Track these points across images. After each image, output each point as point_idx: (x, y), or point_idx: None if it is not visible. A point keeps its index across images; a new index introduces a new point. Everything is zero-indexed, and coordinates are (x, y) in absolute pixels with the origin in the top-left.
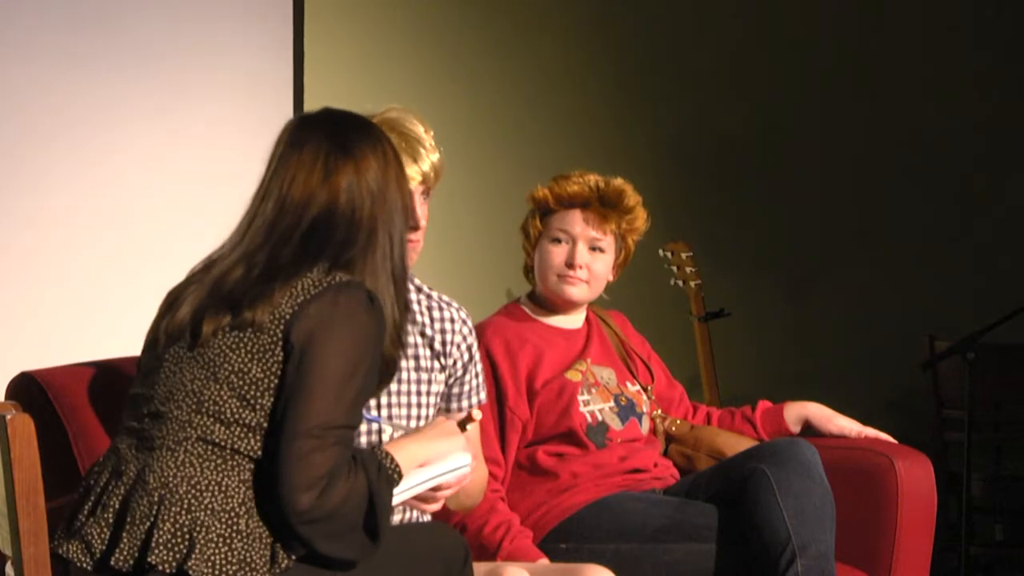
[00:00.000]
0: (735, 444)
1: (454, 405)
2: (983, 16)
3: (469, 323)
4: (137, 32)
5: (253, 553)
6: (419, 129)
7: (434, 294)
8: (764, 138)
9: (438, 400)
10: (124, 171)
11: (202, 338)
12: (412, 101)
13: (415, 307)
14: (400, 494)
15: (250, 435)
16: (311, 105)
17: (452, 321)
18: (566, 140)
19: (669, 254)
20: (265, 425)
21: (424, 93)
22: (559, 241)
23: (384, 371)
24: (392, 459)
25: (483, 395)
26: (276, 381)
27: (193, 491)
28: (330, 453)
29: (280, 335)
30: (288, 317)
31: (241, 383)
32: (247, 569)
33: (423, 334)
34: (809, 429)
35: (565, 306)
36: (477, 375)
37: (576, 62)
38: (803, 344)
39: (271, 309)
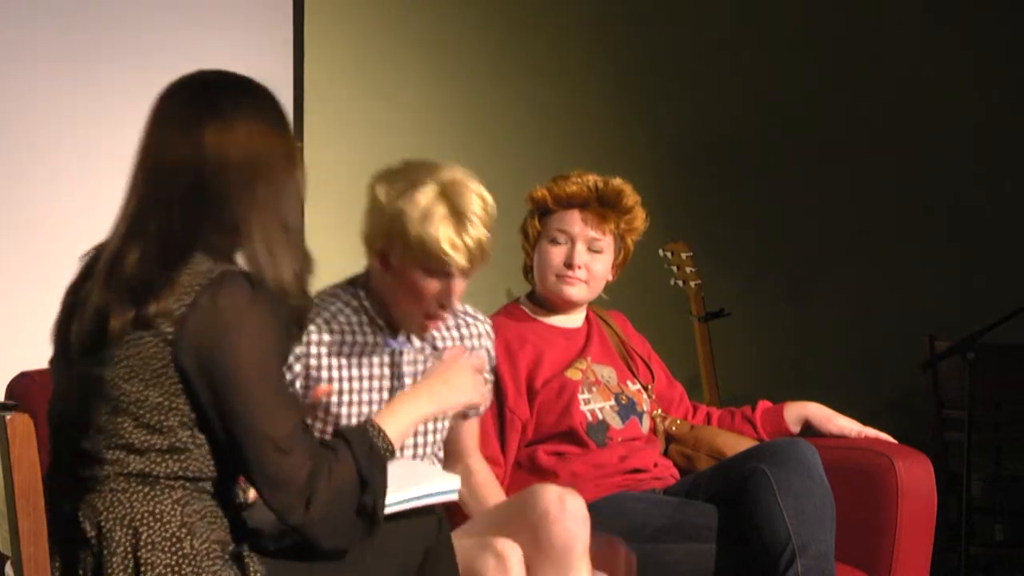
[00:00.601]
0: (735, 444)
1: (471, 412)
2: (982, 16)
3: (492, 334)
4: (138, 33)
5: (205, 573)
6: (472, 201)
7: (458, 308)
8: (764, 138)
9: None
10: (125, 172)
11: (110, 340)
12: (412, 101)
13: (440, 329)
14: (392, 506)
15: (168, 458)
16: (311, 105)
17: (480, 337)
18: (566, 140)
19: (669, 254)
20: (178, 445)
21: (423, 93)
22: (558, 241)
23: (295, 325)
24: (383, 435)
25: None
26: (180, 401)
27: (128, 530)
28: (297, 462)
29: (169, 357)
30: (171, 338)
31: (141, 411)
32: None
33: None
34: (809, 429)
35: (564, 306)
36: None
37: (575, 62)
38: (803, 344)
39: (165, 309)
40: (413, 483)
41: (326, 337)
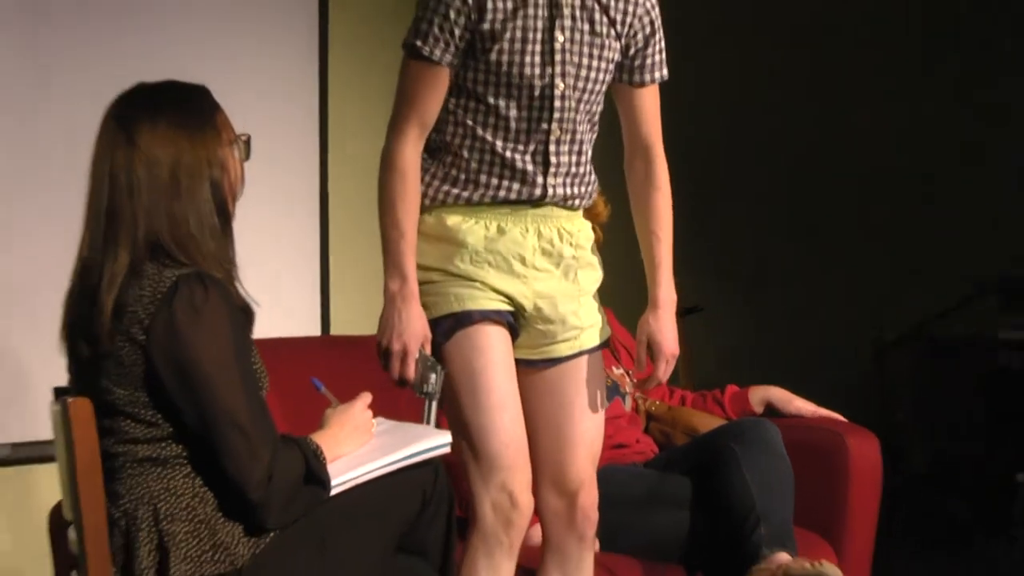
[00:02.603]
0: (707, 423)
1: (636, 78)
2: (925, 21)
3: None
4: (170, 34)
5: (223, 535)
6: None
7: None
8: (731, 151)
9: (610, 66)
10: None
11: (99, 353)
12: None
13: None
14: (384, 468)
15: (168, 442)
16: (335, 101)
17: None
18: None
19: None
20: (171, 430)
21: None
22: None
23: (243, 313)
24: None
25: (665, 71)
26: (162, 398)
27: (148, 507)
28: (262, 453)
29: (144, 361)
30: (143, 344)
31: (136, 410)
32: (223, 552)
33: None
34: (771, 410)
35: None
36: (661, 51)
37: None
38: (766, 335)
39: (119, 325)
40: (408, 442)
41: None
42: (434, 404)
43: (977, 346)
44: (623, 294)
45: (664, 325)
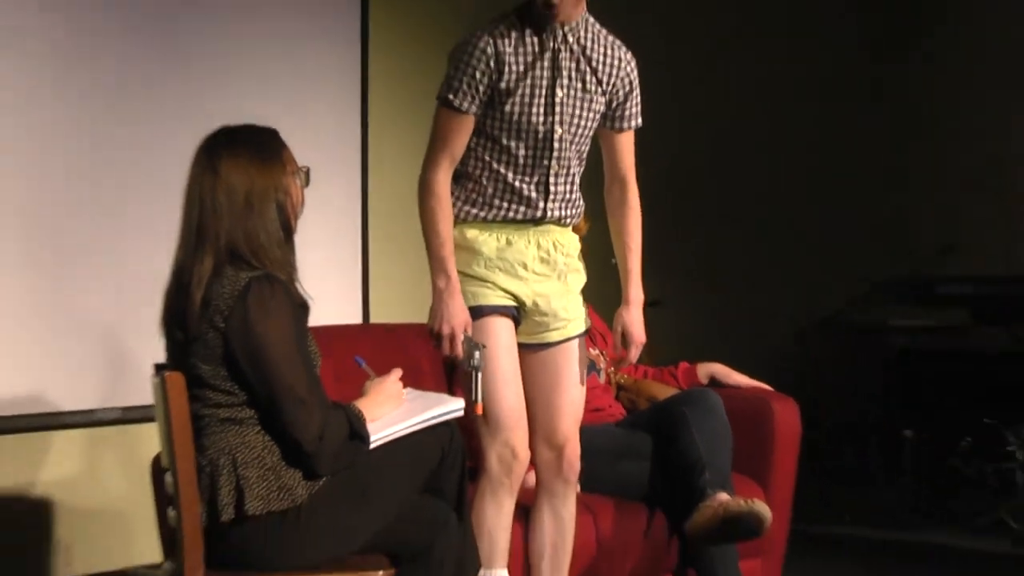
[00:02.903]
0: (664, 392)
1: (617, 125)
2: (825, 27)
3: (633, 63)
4: (242, 81)
5: (287, 479)
6: None
7: (610, 38)
8: (684, 171)
9: (597, 115)
10: None
11: (189, 338)
12: None
13: (589, 44)
14: (411, 427)
15: (243, 407)
16: (374, 140)
17: (619, 61)
18: None
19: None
20: (245, 397)
21: None
22: None
23: (302, 308)
24: (360, 412)
25: (640, 120)
26: (237, 373)
27: (228, 457)
28: (316, 416)
29: (223, 345)
30: (223, 327)
31: (216, 382)
32: (286, 492)
33: (590, 62)
34: (714, 381)
35: None
36: (637, 104)
37: None
38: (711, 322)
39: (204, 316)
40: (430, 408)
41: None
42: (479, 375)
43: (873, 331)
44: (600, 291)
45: (635, 319)
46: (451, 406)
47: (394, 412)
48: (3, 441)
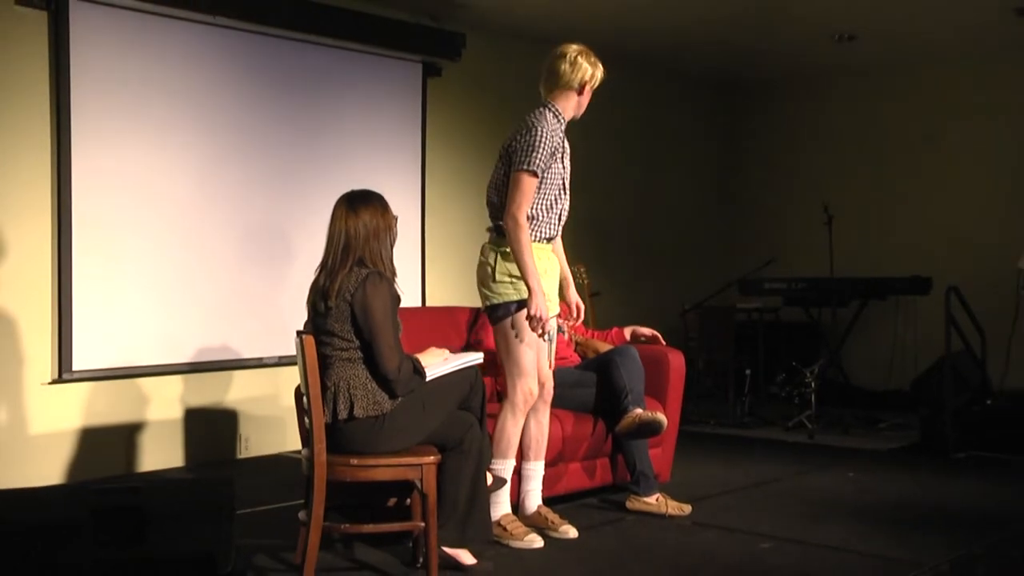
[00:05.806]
0: (603, 347)
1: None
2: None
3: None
4: (344, 151)
5: (378, 396)
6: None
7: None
8: (606, 214)
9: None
10: (310, 194)
11: (328, 307)
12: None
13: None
14: (449, 369)
15: (355, 350)
16: (431, 160)
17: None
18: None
19: (581, 269)
20: (357, 344)
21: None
22: None
23: (397, 297)
24: (419, 362)
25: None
26: (356, 328)
27: (344, 384)
28: (396, 358)
29: (350, 311)
30: (350, 300)
31: (343, 334)
32: (378, 405)
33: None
34: (635, 338)
35: None
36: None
37: None
38: (632, 304)
39: (340, 294)
40: (459, 359)
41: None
42: (554, 344)
43: (727, 311)
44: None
45: (575, 297)
46: (474, 357)
47: (438, 361)
48: (207, 376)
